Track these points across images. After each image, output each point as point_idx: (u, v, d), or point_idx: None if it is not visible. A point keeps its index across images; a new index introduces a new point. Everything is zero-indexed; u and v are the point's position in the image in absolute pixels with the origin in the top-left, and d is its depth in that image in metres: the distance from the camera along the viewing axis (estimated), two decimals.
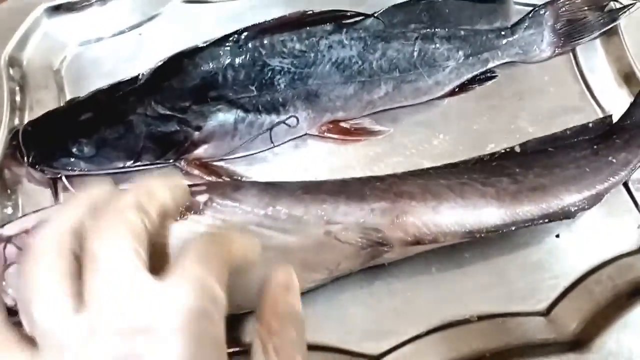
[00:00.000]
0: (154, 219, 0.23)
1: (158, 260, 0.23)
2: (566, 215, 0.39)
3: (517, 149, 0.43)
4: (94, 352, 0.19)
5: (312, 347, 0.37)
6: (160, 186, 0.24)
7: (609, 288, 0.40)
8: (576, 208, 0.39)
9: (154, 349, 0.19)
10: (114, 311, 0.20)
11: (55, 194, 0.43)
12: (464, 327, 0.39)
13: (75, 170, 0.41)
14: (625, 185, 0.44)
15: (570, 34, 0.49)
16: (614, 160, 0.41)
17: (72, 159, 0.40)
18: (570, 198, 0.39)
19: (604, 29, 0.49)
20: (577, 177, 0.40)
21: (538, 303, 0.40)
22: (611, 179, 0.41)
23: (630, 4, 0.49)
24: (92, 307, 0.20)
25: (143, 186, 0.24)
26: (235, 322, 0.36)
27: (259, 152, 0.45)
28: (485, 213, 0.37)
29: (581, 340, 0.37)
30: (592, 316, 0.39)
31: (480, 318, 0.40)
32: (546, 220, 0.38)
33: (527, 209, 0.38)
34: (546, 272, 0.41)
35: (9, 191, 0.41)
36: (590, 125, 0.45)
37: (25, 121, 0.44)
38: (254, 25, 0.41)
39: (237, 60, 0.40)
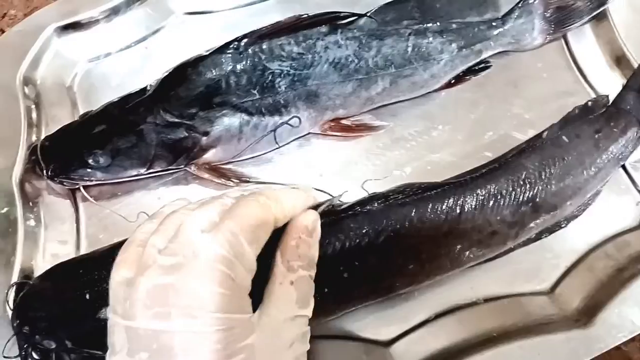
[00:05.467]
0: None
1: None
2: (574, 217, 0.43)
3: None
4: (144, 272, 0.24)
5: (326, 337, 0.39)
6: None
7: (609, 264, 0.41)
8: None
9: (185, 282, 0.24)
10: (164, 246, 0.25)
11: (75, 204, 0.45)
12: (471, 309, 0.40)
13: (92, 180, 0.43)
14: (623, 166, 0.45)
15: (560, 21, 0.50)
16: (614, 151, 0.42)
17: (89, 170, 0.42)
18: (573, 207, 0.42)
19: (593, 14, 0.50)
20: (582, 189, 0.41)
21: (541, 282, 0.42)
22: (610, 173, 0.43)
23: None
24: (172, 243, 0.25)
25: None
26: None
27: (265, 153, 0.46)
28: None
29: (585, 316, 0.38)
30: (594, 292, 0.40)
31: (487, 300, 0.41)
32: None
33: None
34: (548, 252, 0.42)
35: (30, 204, 0.43)
36: (589, 104, 0.45)
37: (42, 136, 0.46)
38: (252, 32, 0.43)
39: (239, 66, 0.42)
